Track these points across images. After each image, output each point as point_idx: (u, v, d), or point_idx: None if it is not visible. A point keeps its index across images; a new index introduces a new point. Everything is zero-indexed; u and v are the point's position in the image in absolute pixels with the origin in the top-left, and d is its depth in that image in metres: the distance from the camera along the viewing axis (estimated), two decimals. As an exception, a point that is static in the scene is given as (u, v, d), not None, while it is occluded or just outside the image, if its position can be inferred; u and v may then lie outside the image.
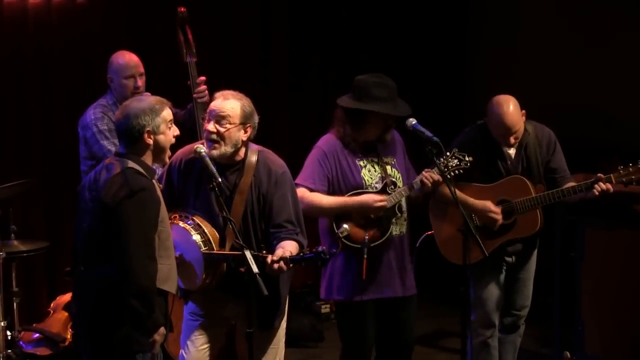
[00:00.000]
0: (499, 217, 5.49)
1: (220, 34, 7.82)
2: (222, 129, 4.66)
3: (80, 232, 4.36)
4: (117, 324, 4.19)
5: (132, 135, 4.27)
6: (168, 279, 4.31)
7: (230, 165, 4.75)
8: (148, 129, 4.26)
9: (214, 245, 4.66)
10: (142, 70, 6.09)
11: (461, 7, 9.26)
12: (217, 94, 4.79)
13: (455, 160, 5.08)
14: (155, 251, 4.21)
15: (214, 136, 4.68)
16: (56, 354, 6.14)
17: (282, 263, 4.50)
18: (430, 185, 5.12)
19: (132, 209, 4.14)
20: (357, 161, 5.21)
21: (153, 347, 4.30)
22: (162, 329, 4.30)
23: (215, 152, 4.68)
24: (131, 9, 7.35)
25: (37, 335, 6.22)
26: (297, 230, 4.74)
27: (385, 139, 5.23)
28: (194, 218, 4.71)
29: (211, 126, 4.68)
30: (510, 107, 5.45)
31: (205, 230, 4.68)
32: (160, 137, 4.31)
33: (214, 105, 4.73)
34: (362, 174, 5.20)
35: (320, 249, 4.49)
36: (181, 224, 4.71)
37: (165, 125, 4.32)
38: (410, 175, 5.35)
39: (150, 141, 4.28)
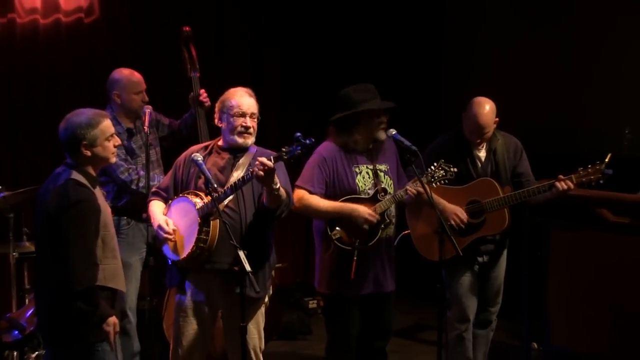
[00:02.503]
0: (464, 218, 5.50)
1: (215, 49, 7.85)
2: (254, 124, 4.99)
3: (36, 236, 4.43)
4: (67, 320, 4.22)
5: (70, 147, 4.25)
6: (115, 276, 4.34)
7: (240, 149, 5.00)
8: (84, 142, 4.22)
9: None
10: (145, 85, 6.12)
11: (436, 22, 9.28)
12: (237, 93, 5.00)
13: (442, 172, 5.09)
14: (97, 256, 4.23)
15: (252, 130, 4.97)
16: (19, 341, 5.99)
17: (267, 161, 4.59)
18: (413, 196, 5.14)
19: (71, 220, 4.13)
20: (353, 167, 5.21)
21: (107, 337, 4.30)
22: (110, 319, 4.29)
23: (249, 141, 4.99)
24: (133, 28, 7.37)
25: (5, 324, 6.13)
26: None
27: (381, 137, 5.20)
28: (206, 198, 4.80)
29: (249, 121, 4.94)
30: (486, 109, 5.51)
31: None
32: (98, 149, 4.27)
33: (246, 103, 4.96)
34: (356, 180, 5.20)
35: (297, 134, 4.64)
36: (190, 197, 4.86)
37: (102, 138, 4.27)
38: (402, 181, 5.37)
39: (88, 153, 4.25)
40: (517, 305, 6.34)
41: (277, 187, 4.71)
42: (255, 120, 4.98)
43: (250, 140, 4.96)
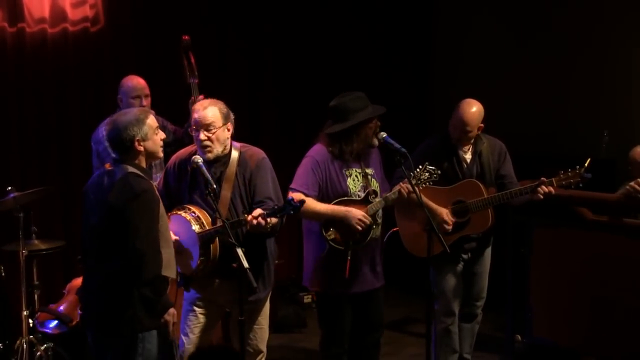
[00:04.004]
0: (450, 222, 5.51)
1: (215, 56, 7.83)
2: (211, 135, 4.77)
3: (87, 229, 4.36)
4: (123, 308, 4.19)
5: (124, 145, 4.26)
6: (169, 265, 4.32)
7: (217, 159, 4.85)
8: (137, 137, 4.25)
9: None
10: (147, 92, 6.12)
11: (424, 29, 9.27)
12: (196, 106, 4.88)
13: (427, 174, 5.08)
14: (160, 244, 4.23)
15: (207, 142, 4.77)
16: (65, 333, 6.10)
17: (260, 218, 4.60)
18: (406, 195, 5.13)
19: (138, 209, 4.15)
20: (343, 171, 5.18)
21: (166, 327, 4.33)
22: (172, 309, 4.33)
23: (210, 155, 4.79)
24: (137, 36, 7.33)
25: (50, 316, 6.16)
26: (276, 204, 4.78)
27: (375, 143, 5.19)
28: (195, 210, 4.78)
29: (202, 135, 4.77)
30: (473, 109, 5.53)
31: (204, 222, 4.75)
32: (149, 143, 4.30)
33: (198, 116, 4.79)
34: (347, 182, 5.18)
35: (289, 198, 4.59)
36: (183, 214, 4.78)
37: (152, 132, 4.31)
38: (385, 185, 5.36)
39: (141, 148, 4.28)
40: (502, 299, 6.31)
41: (269, 226, 4.70)
42: (212, 130, 4.76)
43: (213, 153, 4.79)
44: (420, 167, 5.09)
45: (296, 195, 4.92)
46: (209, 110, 4.80)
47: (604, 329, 5.69)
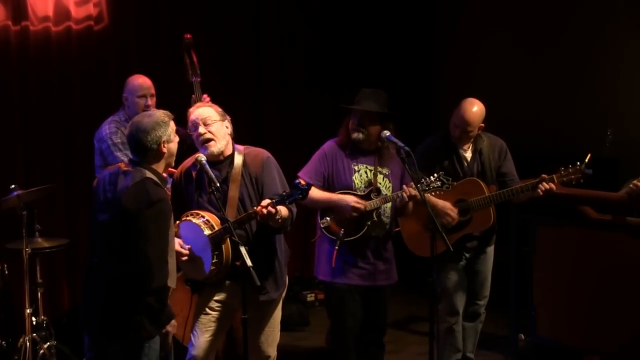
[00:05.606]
0: (456, 216, 5.52)
1: (217, 56, 7.83)
2: (210, 128, 4.76)
3: (94, 227, 4.31)
4: (130, 314, 4.15)
5: (149, 147, 4.22)
6: (172, 275, 4.27)
7: (221, 161, 4.83)
8: (164, 139, 4.24)
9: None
10: (153, 91, 6.09)
11: (429, 33, 9.30)
12: (190, 110, 4.90)
13: (439, 183, 5.09)
14: (167, 254, 4.19)
15: (208, 135, 4.76)
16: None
17: (269, 207, 4.57)
18: (407, 199, 5.15)
19: (152, 217, 4.10)
20: (352, 165, 5.30)
21: (166, 338, 4.30)
22: (173, 321, 4.32)
23: (214, 149, 4.77)
24: (140, 35, 7.34)
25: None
26: (285, 190, 4.76)
27: (355, 137, 5.25)
28: (204, 214, 4.75)
29: (202, 129, 4.76)
30: (474, 108, 5.52)
31: (214, 224, 4.72)
32: (172, 145, 4.30)
33: (194, 115, 4.81)
34: (353, 177, 5.28)
35: (296, 182, 4.58)
36: (193, 219, 4.74)
37: (173, 134, 4.32)
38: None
39: (165, 150, 4.26)
40: (505, 298, 6.32)
41: (279, 217, 4.66)
42: (211, 124, 4.77)
43: (216, 147, 4.77)
44: (435, 175, 5.11)
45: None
46: (204, 108, 4.85)
47: (607, 328, 5.68)
